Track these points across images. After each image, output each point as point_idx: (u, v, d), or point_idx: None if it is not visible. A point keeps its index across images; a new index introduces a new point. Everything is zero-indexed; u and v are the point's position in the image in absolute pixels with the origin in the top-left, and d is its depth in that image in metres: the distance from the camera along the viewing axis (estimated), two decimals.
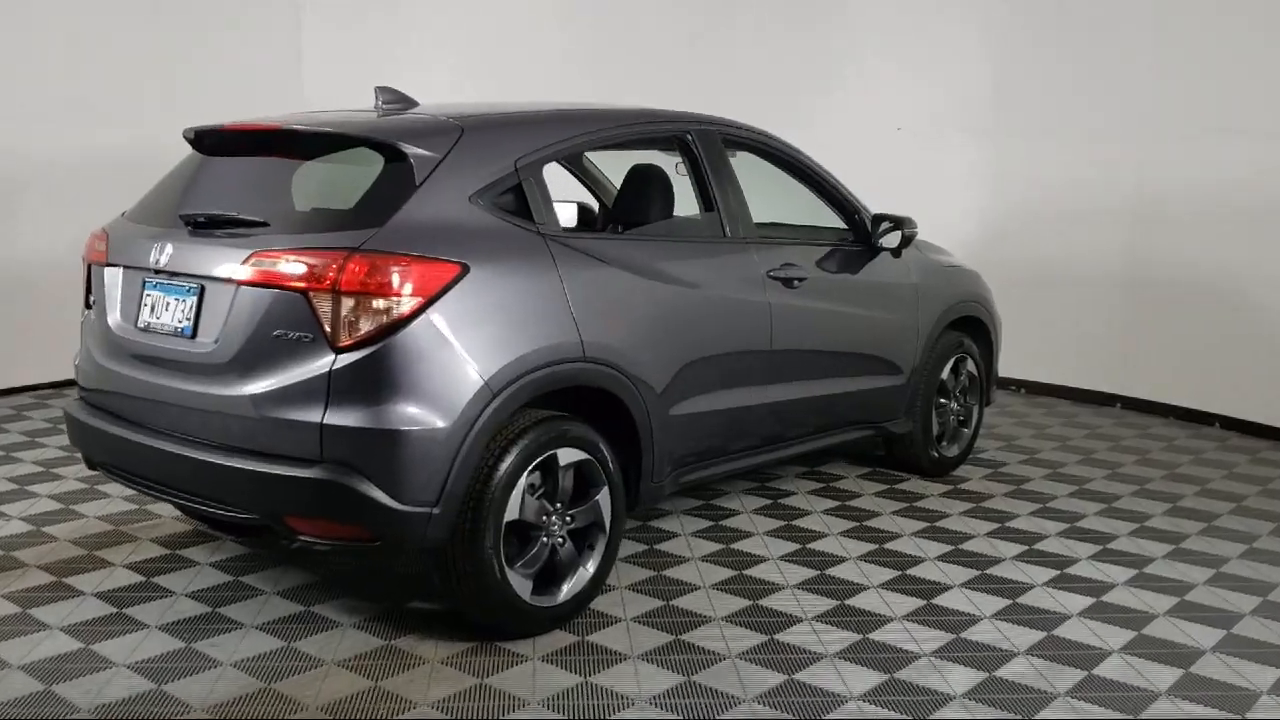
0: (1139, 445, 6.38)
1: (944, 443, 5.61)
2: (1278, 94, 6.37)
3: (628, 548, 4.43)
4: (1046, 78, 7.37)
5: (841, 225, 5.08)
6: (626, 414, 3.85)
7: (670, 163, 4.56)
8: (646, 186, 4.45)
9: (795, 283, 4.54)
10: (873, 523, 4.84)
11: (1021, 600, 4.02)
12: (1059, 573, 4.30)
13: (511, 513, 3.46)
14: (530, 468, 3.50)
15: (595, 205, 5.52)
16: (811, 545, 4.53)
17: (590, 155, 5.55)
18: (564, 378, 3.61)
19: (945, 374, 5.51)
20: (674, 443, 4.08)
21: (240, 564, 4.19)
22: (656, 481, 4.03)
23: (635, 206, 4.43)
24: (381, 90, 4.05)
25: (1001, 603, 3.98)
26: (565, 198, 4.66)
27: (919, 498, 5.23)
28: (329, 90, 7.14)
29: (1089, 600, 4.03)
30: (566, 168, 5.60)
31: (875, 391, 5.10)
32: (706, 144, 4.41)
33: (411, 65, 8.04)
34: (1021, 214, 7.59)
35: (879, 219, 4.99)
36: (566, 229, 3.82)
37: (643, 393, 3.87)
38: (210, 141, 3.91)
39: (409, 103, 4.08)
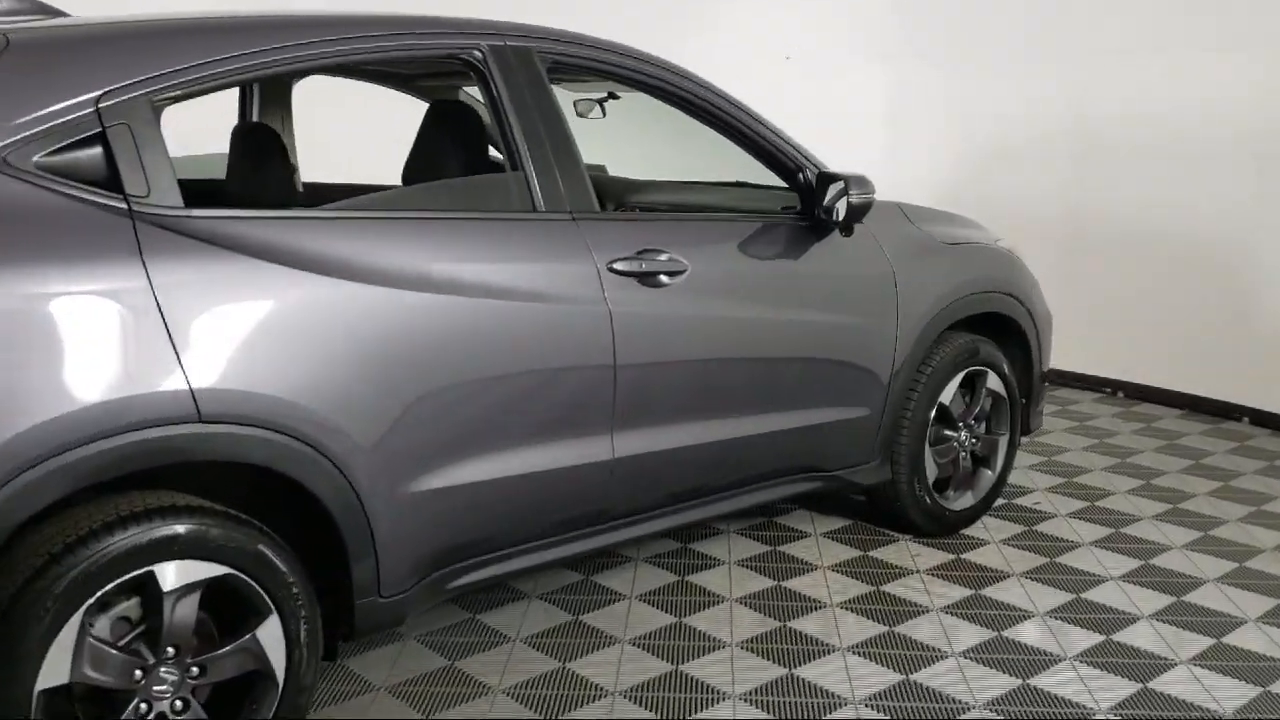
0: (1257, 488, 4.59)
1: (950, 491, 3.99)
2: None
3: (424, 661, 3.04)
4: None
5: (785, 189, 3.53)
6: (314, 499, 2.45)
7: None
8: (437, 136, 3.04)
9: (663, 278, 3.02)
10: (801, 623, 3.31)
11: None
12: None
13: (57, 675, 2.12)
14: (93, 600, 2.15)
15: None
16: (687, 666, 3.05)
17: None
18: (155, 452, 2.22)
19: (948, 396, 3.88)
20: (423, 533, 2.65)
21: None
22: (390, 595, 2.62)
23: (420, 166, 3.03)
24: None
25: None
26: None
27: (893, 577, 3.65)
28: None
29: None
30: None
31: (817, 430, 3.51)
32: (510, 69, 2.89)
33: None
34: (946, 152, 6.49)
35: (826, 180, 3.39)
36: (204, 203, 2.38)
37: (343, 465, 2.45)
38: None
39: (49, 14, 2.73)
